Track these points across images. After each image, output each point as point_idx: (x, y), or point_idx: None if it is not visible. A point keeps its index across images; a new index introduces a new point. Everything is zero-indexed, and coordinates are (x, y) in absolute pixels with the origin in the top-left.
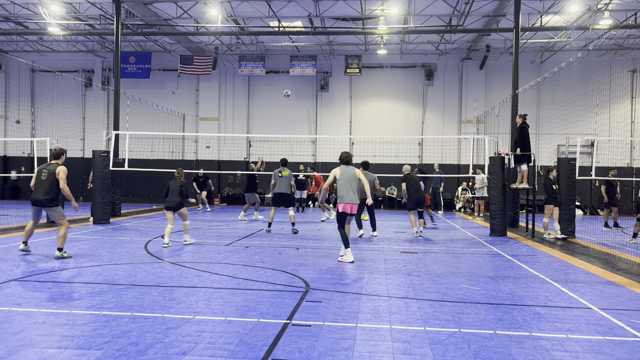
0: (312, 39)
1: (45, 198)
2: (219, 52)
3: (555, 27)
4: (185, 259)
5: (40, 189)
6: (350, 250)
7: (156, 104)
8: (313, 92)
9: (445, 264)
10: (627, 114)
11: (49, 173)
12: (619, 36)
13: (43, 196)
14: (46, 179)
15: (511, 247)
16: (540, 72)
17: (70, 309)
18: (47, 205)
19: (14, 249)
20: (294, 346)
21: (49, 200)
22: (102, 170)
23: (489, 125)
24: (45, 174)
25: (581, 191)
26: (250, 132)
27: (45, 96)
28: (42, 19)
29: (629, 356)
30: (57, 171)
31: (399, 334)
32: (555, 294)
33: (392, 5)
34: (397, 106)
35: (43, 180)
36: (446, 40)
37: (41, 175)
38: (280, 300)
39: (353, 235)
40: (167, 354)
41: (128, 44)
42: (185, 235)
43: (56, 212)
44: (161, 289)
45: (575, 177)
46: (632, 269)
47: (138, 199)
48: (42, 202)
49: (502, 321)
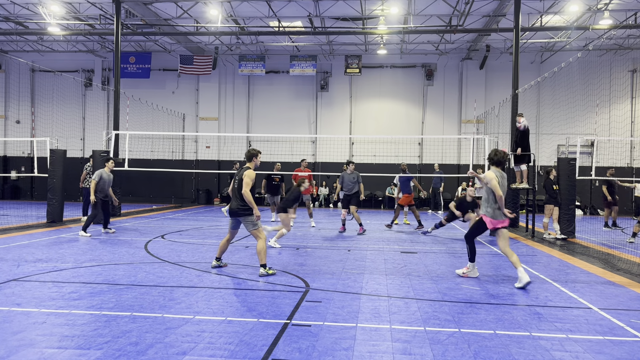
0: (312, 39)
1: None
2: (219, 52)
3: (555, 27)
4: (185, 259)
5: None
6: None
7: (156, 104)
8: (313, 92)
9: (445, 264)
10: (627, 114)
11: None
12: (619, 36)
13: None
14: (237, 186)
15: (511, 247)
16: (540, 72)
17: (70, 309)
18: (241, 215)
19: (14, 249)
20: (294, 346)
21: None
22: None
23: (489, 125)
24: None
25: (581, 191)
26: (250, 132)
27: (45, 96)
28: (42, 19)
29: (629, 356)
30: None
31: (399, 334)
32: (555, 294)
33: (392, 5)
34: (397, 106)
35: (235, 188)
36: (446, 40)
37: (234, 183)
38: (280, 300)
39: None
40: (167, 354)
41: (128, 44)
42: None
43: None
44: (161, 289)
45: (575, 177)
46: (632, 269)
47: (138, 199)
48: (235, 211)
49: (502, 321)
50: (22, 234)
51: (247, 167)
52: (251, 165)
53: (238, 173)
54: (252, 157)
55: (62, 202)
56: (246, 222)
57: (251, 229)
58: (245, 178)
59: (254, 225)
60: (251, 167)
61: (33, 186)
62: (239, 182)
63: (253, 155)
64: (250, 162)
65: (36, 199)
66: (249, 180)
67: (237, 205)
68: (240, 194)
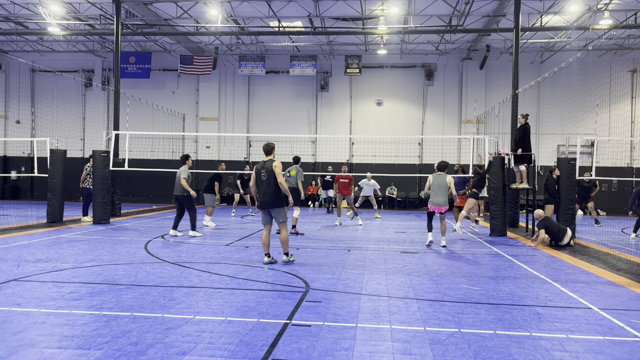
0: (312, 39)
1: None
2: (219, 52)
3: (555, 27)
4: (185, 259)
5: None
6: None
7: (156, 104)
8: (313, 92)
9: (445, 264)
10: (627, 114)
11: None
12: (619, 36)
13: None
14: (266, 178)
15: (511, 247)
16: (540, 72)
17: (70, 309)
18: (274, 206)
19: (14, 249)
20: (294, 346)
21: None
22: (102, 170)
23: (489, 125)
24: (264, 173)
25: None
26: (250, 132)
27: (45, 96)
28: (42, 19)
29: (629, 356)
30: (273, 166)
31: (399, 334)
32: (555, 294)
33: (392, 5)
34: (397, 106)
35: (263, 181)
36: (446, 40)
37: (261, 176)
38: (280, 300)
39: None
40: (167, 354)
41: (128, 44)
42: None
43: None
44: (161, 289)
45: (575, 177)
46: (632, 269)
47: (138, 199)
48: (269, 203)
49: (502, 321)
50: (22, 234)
51: (271, 160)
52: (273, 157)
53: (263, 167)
54: (272, 149)
55: (62, 202)
56: (279, 213)
57: (280, 221)
58: (276, 169)
59: (284, 217)
60: (273, 159)
61: (33, 186)
62: (268, 173)
63: (273, 148)
64: (271, 155)
65: (36, 199)
66: (280, 170)
67: (271, 197)
68: (276, 185)
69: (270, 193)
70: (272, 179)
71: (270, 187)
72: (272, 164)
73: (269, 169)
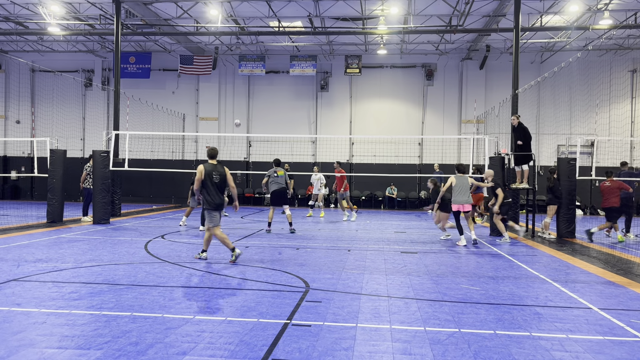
0: (312, 39)
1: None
2: (219, 52)
3: (555, 27)
4: (185, 259)
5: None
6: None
7: (156, 104)
8: (313, 92)
9: (445, 264)
10: (627, 114)
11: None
12: (619, 36)
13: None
14: (219, 181)
15: (511, 247)
16: (540, 72)
17: (70, 309)
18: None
19: (14, 249)
20: (294, 346)
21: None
22: (102, 170)
23: (489, 125)
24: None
25: (581, 191)
26: (250, 132)
27: (45, 96)
28: (42, 19)
29: (629, 356)
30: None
31: (399, 334)
32: (555, 294)
33: (392, 5)
34: (397, 106)
35: (215, 183)
36: (446, 40)
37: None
38: (280, 300)
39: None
40: (167, 354)
41: (128, 44)
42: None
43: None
44: (161, 289)
45: (575, 177)
46: (632, 269)
47: (138, 199)
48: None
49: (502, 321)
50: (22, 234)
51: (221, 164)
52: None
53: (214, 170)
54: (217, 153)
55: (62, 202)
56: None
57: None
58: (229, 174)
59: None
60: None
61: (33, 186)
62: (221, 177)
63: (217, 153)
64: (214, 159)
65: (36, 199)
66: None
67: (223, 199)
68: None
69: (222, 195)
70: (224, 182)
71: (222, 190)
72: (224, 168)
73: (222, 172)
